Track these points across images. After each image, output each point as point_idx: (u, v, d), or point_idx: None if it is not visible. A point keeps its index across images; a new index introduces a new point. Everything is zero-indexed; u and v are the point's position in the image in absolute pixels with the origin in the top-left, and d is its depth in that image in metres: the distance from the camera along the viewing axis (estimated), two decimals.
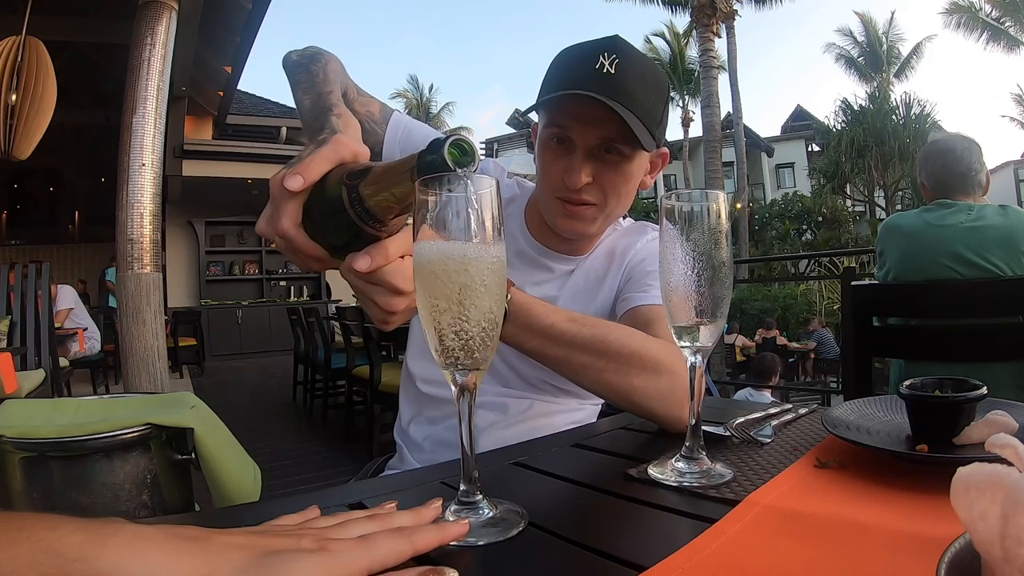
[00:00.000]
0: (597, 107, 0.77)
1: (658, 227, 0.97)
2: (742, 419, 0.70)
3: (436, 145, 0.45)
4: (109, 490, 0.83)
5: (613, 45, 0.80)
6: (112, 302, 8.90)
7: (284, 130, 10.68)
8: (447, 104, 26.25)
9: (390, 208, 0.49)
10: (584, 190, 0.83)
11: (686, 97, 20.86)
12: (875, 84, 18.61)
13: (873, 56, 19.32)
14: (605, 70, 0.78)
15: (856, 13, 19.30)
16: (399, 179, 0.47)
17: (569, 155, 0.82)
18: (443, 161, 0.44)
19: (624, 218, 1.03)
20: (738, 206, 15.29)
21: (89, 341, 5.22)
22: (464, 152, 0.46)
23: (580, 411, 0.96)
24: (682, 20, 18.03)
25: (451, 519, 0.46)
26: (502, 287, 0.47)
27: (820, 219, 17.62)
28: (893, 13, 20.68)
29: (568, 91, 0.78)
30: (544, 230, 0.93)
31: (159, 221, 4.08)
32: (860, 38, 19.54)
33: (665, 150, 0.91)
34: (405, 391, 1.01)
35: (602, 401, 0.99)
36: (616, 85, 0.77)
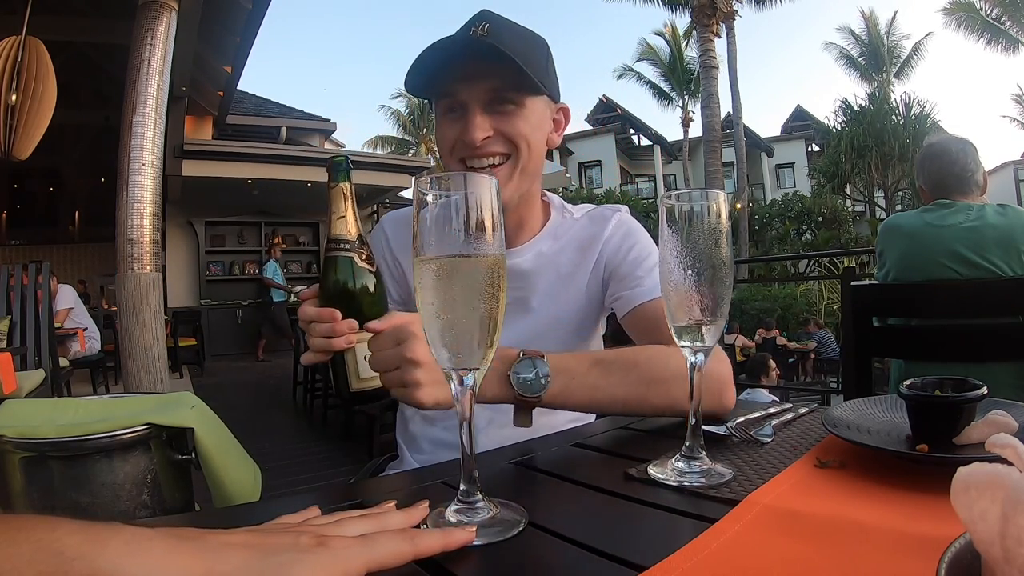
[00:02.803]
0: (479, 63, 0.78)
1: (616, 209, 0.97)
2: (742, 419, 0.70)
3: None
4: (109, 490, 0.83)
5: (484, 17, 0.81)
6: (277, 296, 8.75)
7: (284, 130, 10.67)
8: None
9: (342, 221, 0.65)
10: (489, 143, 0.82)
11: (686, 97, 20.84)
12: (875, 84, 18.58)
13: (873, 56, 19.29)
14: (479, 35, 0.79)
15: (860, 12, 19.27)
16: (330, 205, 0.65)
17: (464, 117, 0.82)
18: (331, 165, 0.65)
19: (576, 204, 1.00)
20: (738, 206, 15.28)
21: (89, 341, 5.21)
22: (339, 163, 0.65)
23: None
24: (682, 20, 18.02)
25: (452, 519, 0.46)
26: (502, 287, 0.47)
27: (820, 219, 17.59)
28: (896, 13, 20.69)
29: (444, 49, 0.79)
30: None
31: (159, 221, 4.07)
32: (863, 37, 19.50)
33: (565, 105, 0.91)
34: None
35: None
36: (492, 43, 0.77)
